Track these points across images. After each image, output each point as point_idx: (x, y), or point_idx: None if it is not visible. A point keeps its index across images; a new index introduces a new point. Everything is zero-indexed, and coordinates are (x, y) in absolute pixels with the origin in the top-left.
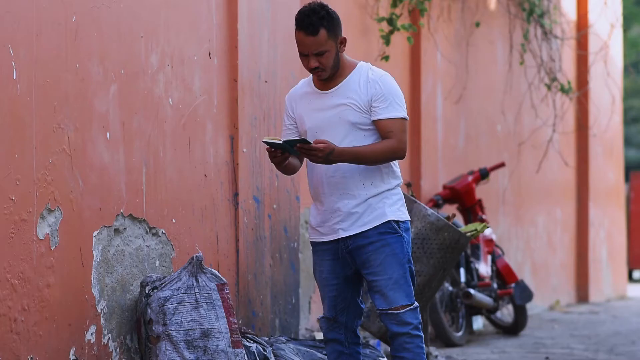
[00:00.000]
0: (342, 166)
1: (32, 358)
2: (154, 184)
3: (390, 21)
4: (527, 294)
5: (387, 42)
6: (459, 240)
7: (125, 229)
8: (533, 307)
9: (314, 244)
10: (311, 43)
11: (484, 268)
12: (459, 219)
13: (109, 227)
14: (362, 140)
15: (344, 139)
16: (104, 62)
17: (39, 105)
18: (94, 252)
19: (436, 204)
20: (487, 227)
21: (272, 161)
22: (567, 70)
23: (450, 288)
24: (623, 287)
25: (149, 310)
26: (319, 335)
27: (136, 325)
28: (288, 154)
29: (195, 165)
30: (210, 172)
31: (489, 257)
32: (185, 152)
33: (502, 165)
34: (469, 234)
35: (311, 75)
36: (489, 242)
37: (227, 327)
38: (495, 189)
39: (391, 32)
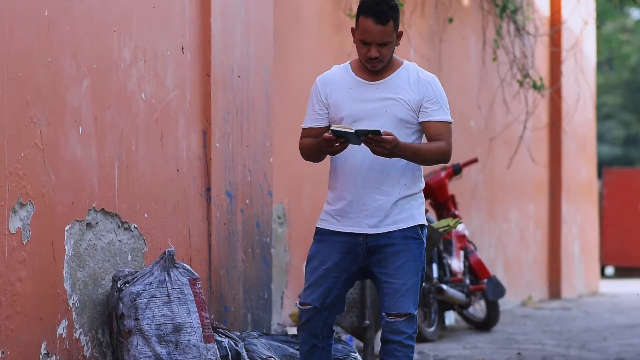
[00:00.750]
0: (381, 160)
1: (3, 352)
2: (127, 178)
3: None
4: (499, 290)
5: None
6: (431, 235)
7: (97, 223)
8: (505, 303)
9: (325, 231)
10: (379, 32)
11: (457, 264)
12: (431, 215)
13: (81, 221)
14: (405, 137)
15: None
16: (77, 56)
17: (11, 99)
18: (65, 247)
19: None
20: (460, 223)
21: (327, 150)
22: (540, 67)
23: (423, 284)
24: (595, 283)
25: (121, 305)
26: (292, 330)
27: (108, 320)
28: (348, 143)
29: (167, 160)
30: (183, 166)
31: (462, 253)
32: (157, 146)
33: (475, 161)
34: (441, 230)
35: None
36: (462, 237)
37: (199, 321)
38: (468, 185)
39: None
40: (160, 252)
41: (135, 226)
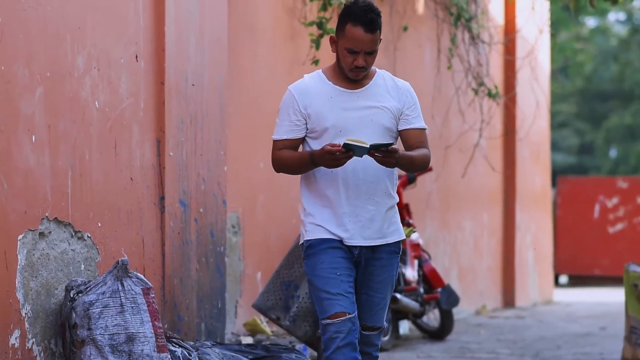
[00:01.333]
0: (371, 170)
1: None
2: (80, 187)
3: (320, 25)
4: (453, 299)
5: (317, 45)
6: None
7: (50, 232)
8: (459, 312)
9: (319, 241)
10: (369, 41)
11: (411, 273)
12: None
13: (34, 230)
14: None
15: (373, 142)
16: (30, 64)
17: None
18: (18, 256)
19: None
20: (414, 232)
21: (330, 163)
22: (495, 75)
23: None
24: (549, 292)
25: (74, 315)
26: (245, 340)
27: (61, 330)
28: (352, 155)
29: (121, 169)
30: (137, 175)
31: (416, 262)
32: (111, 155)
33: (429, 169)
34: None
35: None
36: (416, 246)
37: (152, 331)
38: (422, 194)
39: (321, 35)
40: (113, 261)
41: (89, 235)
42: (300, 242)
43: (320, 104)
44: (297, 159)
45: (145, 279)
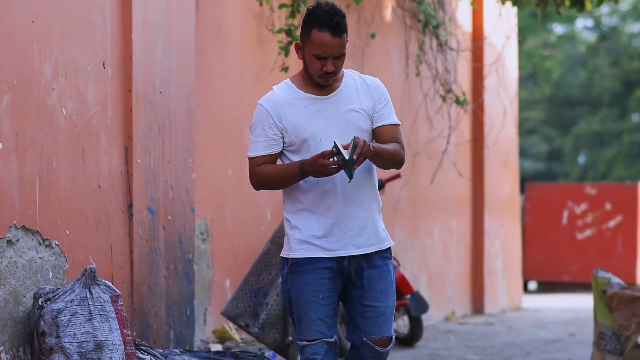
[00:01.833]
0: (357, 175)
1: None
2: (48, 195)
3: (289, 32)
4: (422, 305)
5: (287, 53)
6: None
7: (18, 240)
8: (429, 318)
9: (306, 261)
10: (336, 45)
11: None
12: None
13: (1, 238)
14: None
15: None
16: None
17: None
18: None
19: None
20: None
21: (324, 171)
22: (463, 82)
23: None
24: (518, 298)
25: (42, 322)
26: (214, 347)
27: (29, 338)
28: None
29: (89, 176)
30: (105, 183)
31: None
32: (79, 162)
33: (397, 176)
34: None
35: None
36: None
37: (121, 339)
38: (390, 200)
39: (289, 42)
40: (81, 269)
41: (57, 243)
42: (284, 255)
43: (295, 115)
44: (283, 172)
45: (113, 287)
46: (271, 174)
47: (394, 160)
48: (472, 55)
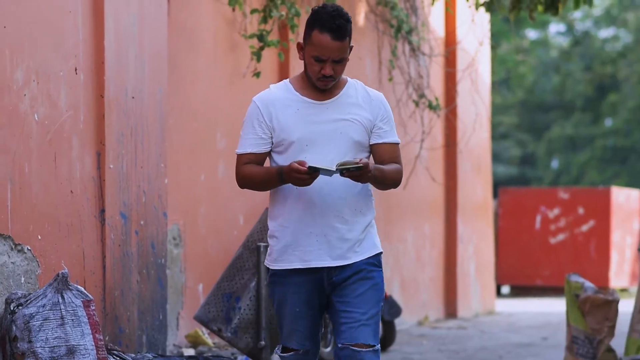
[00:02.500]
0: (339, 186)
1: None
2: (20, 200)
3: (261, 37)
4: (395, 310)
5: (259, 58)
6: None
7: None
8: (402, 323)
9: (284, 272)
10: (337, 48)
11: None
12: None
13: None
14: None
15: (342, 157)
16: None
17: None
18: None
19: None
20: None
21: (299, 182)
22: (435, 87)
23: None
24: (491, 303)
25: (14, 327)
26: (187, 352)
27: (1, 343)
28: (318, 175)
29: (61, 182)
30: (77, 188)
31: None
32: (51, 168)
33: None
34: None
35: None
36: None
37: (93, 344)
38: None
39: (262, 48)
40: (54, 274)
41: (29, 248)
42: (266, 263)
43: (286, 116)
44: (262, 175)
45: (85, 292)
46: (253, 175)
47: (391, 184)
48: (445, 61)
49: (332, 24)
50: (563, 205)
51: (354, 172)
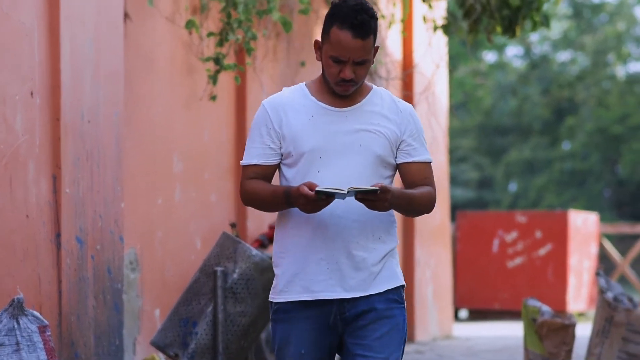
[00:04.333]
0: (354, 209)
1: None
2: None
3: (217, 60)
4: None
5: (215, 81)
6: None
7: None
8: None
9: (289, 307)
10: (358, 48)
11: None
12: None
13: None
14: (381, 179)
15: (361, 173)
16: None
17: None
18: None
19: (262, 244)
20: None
21: (308, 208)
22: None
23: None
24: (449, 327)
25: None
26: None
27: None
28: (333, 199)
29: (17, 206)
30: (33, 212)
31: None
32: (6, 192)
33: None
34: None
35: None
36: None
37: None
38: None
39: (218, 71)
40: (9, 299)
41: None
42: (270, 299)
43: (297, 123)
44: (268, 195)
45: (41, 317)
46: (257, 193)
47: (421, 210)
48: (402, 84)
49: (354, 20)
50: (520, 228)
51: (368, 196)
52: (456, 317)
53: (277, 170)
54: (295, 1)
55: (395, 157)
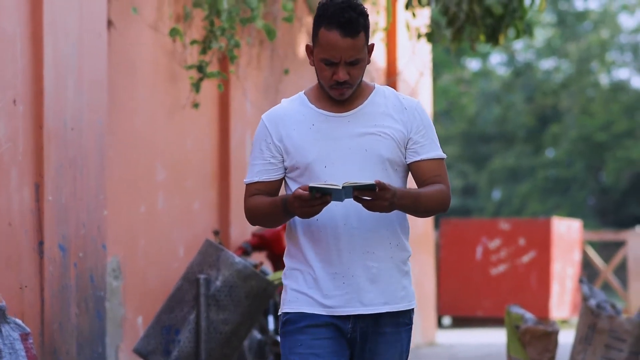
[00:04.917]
0: (367, 217)
1: None
2: None
3: (200, 68)
4: None
5: (197, 89)
6: (266, 288)
7: None
8: None
9: (301, 316)
10: (348, 47)
11: None
12: (268, 267)
13: None
14: (391, 182)
15: (371, 179)
16: None
17: None
18: None
19: (245, 252)
20: None
21: (302, 211)
22: None
23: (259, 336)
24: (432, 334)
25: None
26: None
27: None
28: (330, 200)
29: None
30: (15, 220)
31: None
32: None
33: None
34: (276, 282)
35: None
36: None
37: None
38: None
39: (201, 79)
40: None
41: None
42: (279, 313)
43: (300, 134)
44: (268, 207)
45: (23, 325)
46: (258, 208)
47: (431, 209)
48: None
49: (341, 18)
50: (504, 236)
51: (366, 194)
52: (439, 325)
53: (282, 185)
54: (278, 9)
55: (405, 157)
